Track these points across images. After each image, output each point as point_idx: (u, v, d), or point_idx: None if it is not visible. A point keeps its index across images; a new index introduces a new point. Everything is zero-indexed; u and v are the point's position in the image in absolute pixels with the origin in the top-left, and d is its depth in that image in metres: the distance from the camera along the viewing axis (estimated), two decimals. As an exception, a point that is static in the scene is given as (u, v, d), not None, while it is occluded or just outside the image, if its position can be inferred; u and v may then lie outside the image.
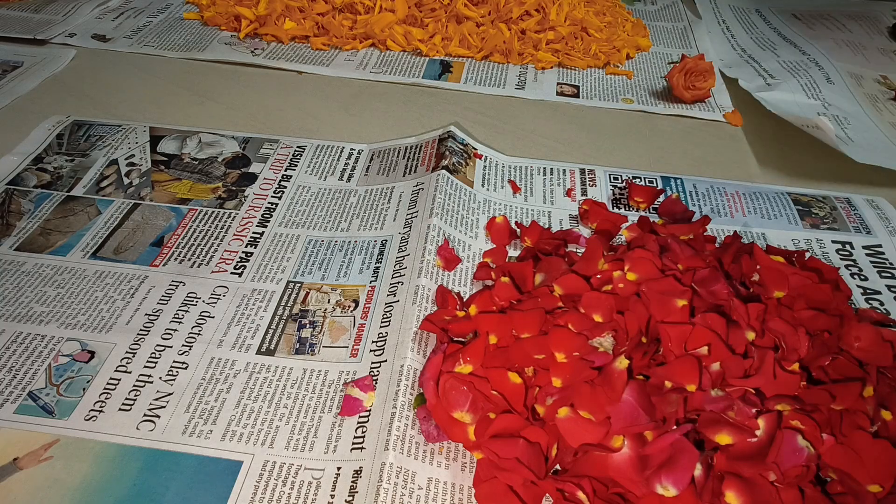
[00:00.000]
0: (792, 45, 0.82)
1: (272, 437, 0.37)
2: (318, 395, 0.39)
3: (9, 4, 0.82)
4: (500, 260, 0.47)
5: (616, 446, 0.33)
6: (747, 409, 0.34)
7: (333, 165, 0.57)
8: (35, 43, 0.74)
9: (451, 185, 0.53)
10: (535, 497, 0.33)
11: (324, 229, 0.51)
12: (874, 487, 0.32)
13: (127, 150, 0.58)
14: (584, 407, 0.34)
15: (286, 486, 0.34)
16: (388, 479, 0.34)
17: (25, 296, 0.44)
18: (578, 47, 0.77)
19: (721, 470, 0.32)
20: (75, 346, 0.41)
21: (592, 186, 0.56)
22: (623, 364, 0.35)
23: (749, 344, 0.37)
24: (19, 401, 0.38)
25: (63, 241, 0.48)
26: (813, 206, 0.55)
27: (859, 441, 0.34)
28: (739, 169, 0.61)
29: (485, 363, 0.37)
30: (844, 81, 0.73)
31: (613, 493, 0.32)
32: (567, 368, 0.36)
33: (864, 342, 0.39)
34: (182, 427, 0.37)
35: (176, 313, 0.43)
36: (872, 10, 0.93)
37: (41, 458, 0.35)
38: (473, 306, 0.41)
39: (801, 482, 0.32)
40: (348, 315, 0.44)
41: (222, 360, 0.41)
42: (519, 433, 0.34)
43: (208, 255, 0.48)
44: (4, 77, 0.68)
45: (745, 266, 0.44)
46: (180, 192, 0.53)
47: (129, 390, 0.39)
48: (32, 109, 0.63)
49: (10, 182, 0.54)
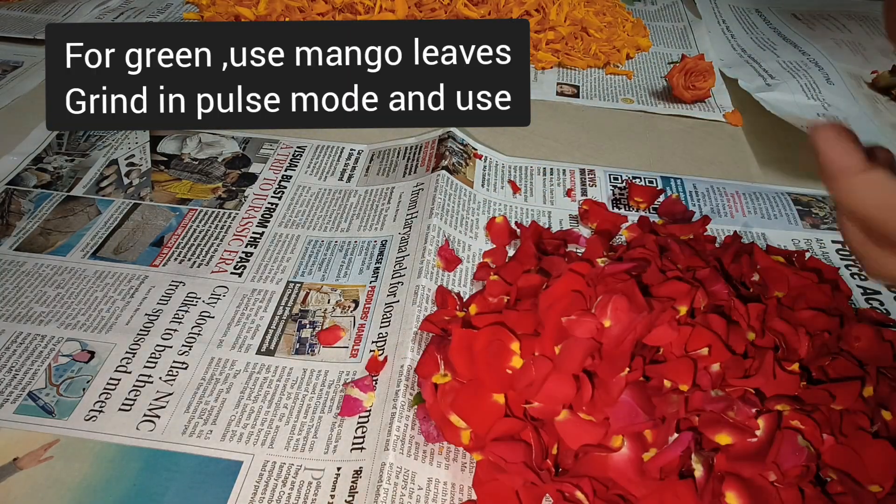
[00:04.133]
0: (792, 45, 0.82)
1: (272, 437, 0.37)
2: (318, 396, 0.39)
3: (9, 4, 0.82)
4: (500, 260, 0.47)
5: (615, 446, 0.33)
6: (747, 409, 0.34)
7: (333, 166, 0.57)
8: (35, 43, 0.74)
9: (451, 185, 0.53)
10: (536, 498, 0.33)
11: (324, 229, 0.51)
12: (874, 487, 0.32)
13: (127, 150, 0.58)
14: (581, 407, 0.34)
15: (286, 487, 0.34)
16: (388, 479, 0.34)
17: (25, 296, 0.44)
18: (578, 47, 0.77)
19: (721, 470, 0.32)
20: (75, 346, 0.41)
21: (592, 186, 0.56)
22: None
23: (749, 344, 0.37)
24: (19, 401, 0.38)
25: (63, 241, 0.48)
26: (813, 206, 0.55)
27: (859, 441, 0.34)
28: (739, 169, 0.61)
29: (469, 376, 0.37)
30: (844, 82, 0.73)
31: (613, 493, 0.32)
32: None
33: (864, 342, 0.39)
34: (182, 427, 0.37)
35: (176, 313, 0.43)
36: (872, 10, 0.92)
37: (41, 458, 0.35)
38: (473, 306, 0.41)
39: (801, 482, 0.32)
40: (348, 315, 0.44)
41: (222, 360, 0.41)
42: (519, 435, 0.34)
43: (208, 255, 0.48)
44: (4, 77, 0.68)
45: (745, 266, 0.44)
46: (180, 193, 0.53)
47: (129, 390, 0.39)
48: (32, 109, 0.63)
49: (10, 182, 0.54)
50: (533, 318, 0.38)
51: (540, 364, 0.35)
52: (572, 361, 0.34)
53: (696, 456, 0.32)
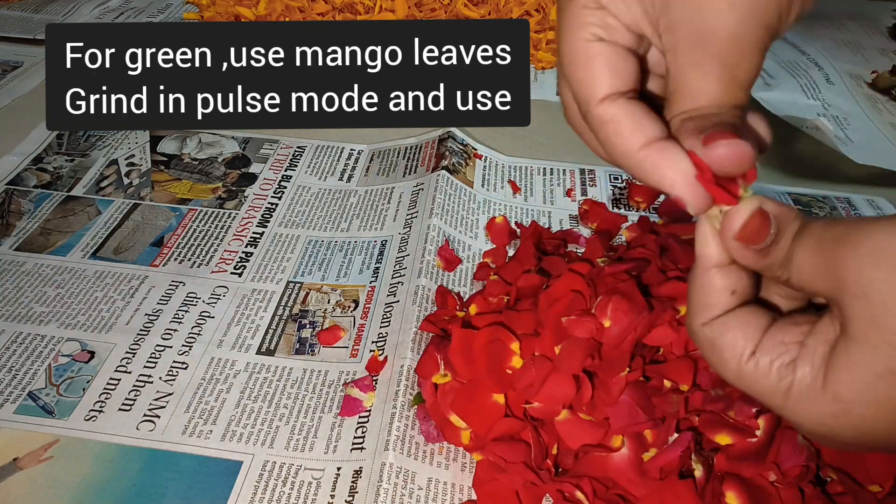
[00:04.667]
0: (791, 44, 0.82)
1: (272, 437, 0.37)
2: (318, 396, 0.39)
3: (9, 4, 0.82)
4: (500, 260, 0.47)
5: (615, 446, 0.33)
6: (747, 409, 0.34)
7: (333, 166, 0.57)
8: (35, 43, 0.74)
9: (451, 185, 0.53)
10: (536, 498, 0.33)
11: (324, 229, 0.51)
12: (874, 487, 0.32)
13: (127, 150, 0.58)
14: (581, 407, 0.34)
15: (286, 487, 0.34)
16: (388, 479, 0.34)
17: (25, 296, 0.44)
18: (578, 47, 0.77)
19: (721, 470, 0.32)
20: (75, 346, 0.41)
21: (592, 186, 0.56)
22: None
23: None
24: (19, 401, 0.38)
25: (63, 241, 0.48)
26: (813, 206, 0.55)
27: (859, 441, 0.34)
28: (739, 169, 0.61)
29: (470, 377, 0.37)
30: (844, 82, 0.73)
31: (613, 493, 0.32)
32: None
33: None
34: (182, 427, 0.37)
35: (176, 313, 0.43)
36: (872, 10, 0.92)
37: (41, 458, 0.35)
38: (473, 306, 0.41)
39: (801, 482, 0.32)
40: (348, 315, 0.44)
41: (222, 360, 0.41)
42: (519, 435, 0.34)
43: (208, 255, 0.48)
44: (4, 77, 0.68)
45: (745, 266, 0.43)
46: (180, 192, 0.53)
47: (129, 390, 0.39)
48: (32, 109, 0.63)
49: (10, 182, 0.54)
50: (533, 318, 0.38)
51: (540, 364, 0.35)
52: (572, 361, 0.34)
53: (696, 456, 0.32)
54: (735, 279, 0.23)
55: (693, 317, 0.24)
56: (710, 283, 0.23)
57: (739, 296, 0.24)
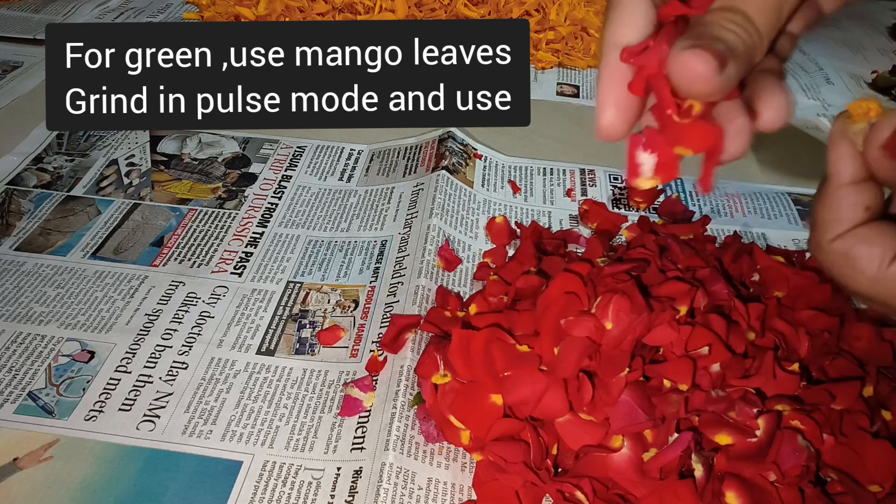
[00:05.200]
0: (792, 45, 0.82)
1: (272, 437, 0.37)
2: (318, 396, 0.39)
3: (9, 4, 0.82)
4: (499, 260, 0.47)
5: (615, 446, 0.33)
6: (747, 409, 0.34)
7: (333, 166, 0.57)
8: (35, 43, 0.74)
9: (451, 185, 0.53)
10: (536, 498, 0.33)
11: (324, 229, 0.51)
12: (874, 487, 0.32)
13: (127, 150, 0.58)
14: (581, 407, 0.34)
15: (286, 487, 0.34)
16: (388, 479, 0.34)
17: (25, 296, 0.44)
18: (578, 47, 0.77)
19: (721, 470, 0.32)
20: (75, 346, 0.41)
21: (592, 186, 0.56)
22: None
23: (749, 344, 0.37)
24: (19, 401, 0.38)
25: (63, 241, 0.48)
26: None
27: (859, 441, 0.34)
28: (739, 169, 0.61)
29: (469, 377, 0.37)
30: (844, 82, 0.73)
31: (613, 493, 0.32)
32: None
33: (865, 342, 0.39)
34: (182, 427, 0.37)
35: (176, 313, 0.43)
36: (872, 10, 0.92)
37: (41, 458, 0.35)
38: (473, 306, 0.41)
39: (801, 482, 0.32)
40: (348, 315, 0.44)
41: (222, 360, 0.41)
42: (518, 435, 0.34)
43: (208, 255, 0.48)
44: (4, 77, 0.68)
45: (745, 266, 0.43)
46: (180, 193, 0.53)
47: (129, 390, 0.39)
48: (32, 109, 0.63)
49: (10, 182, 0.54)
50: (532, 319, 0.38)
51: (536, 380, 0.34)
52: (568, 364, 0.34)
53: (696, 456, 0.32)
54: (870, 195, 0.24)
55: (822, 233, 0.24)
56: (845, 198, 0.24)
57: (872, 212, 0.24)
